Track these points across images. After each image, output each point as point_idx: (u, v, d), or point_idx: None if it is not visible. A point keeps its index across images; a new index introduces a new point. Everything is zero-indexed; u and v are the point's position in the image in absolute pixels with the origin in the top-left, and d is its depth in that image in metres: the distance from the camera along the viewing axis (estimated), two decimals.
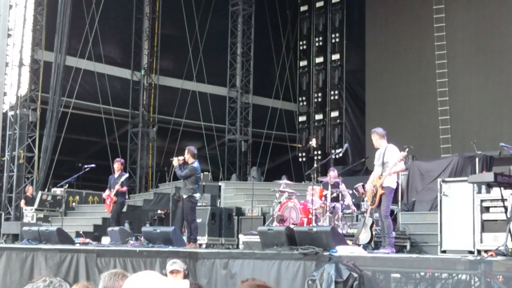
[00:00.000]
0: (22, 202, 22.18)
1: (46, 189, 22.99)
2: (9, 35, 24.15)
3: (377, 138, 11.90)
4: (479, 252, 10.65)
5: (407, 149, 11.70)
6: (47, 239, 13.76)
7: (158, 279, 3.43)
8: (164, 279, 3.47)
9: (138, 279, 3.39)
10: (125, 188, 16.25)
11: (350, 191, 15.33)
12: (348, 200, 15.33)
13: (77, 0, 24.29)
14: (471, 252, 10.85)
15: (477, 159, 14.75)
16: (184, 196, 14.52)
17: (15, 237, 18.59)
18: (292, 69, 31.22)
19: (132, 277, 3.43)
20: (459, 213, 11.50)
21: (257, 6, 29.90)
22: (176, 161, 14.54)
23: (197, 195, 14.76)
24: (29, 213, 21.47)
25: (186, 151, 14.79)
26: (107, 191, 16.31)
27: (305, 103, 31.37)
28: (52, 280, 3.70)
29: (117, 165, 16.48)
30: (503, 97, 23.74)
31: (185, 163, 14.74)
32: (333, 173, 15.43)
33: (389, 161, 11.60)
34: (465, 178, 11.71)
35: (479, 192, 11.23)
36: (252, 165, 29.06)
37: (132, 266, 11.13)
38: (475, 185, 11.22)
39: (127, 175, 16.67)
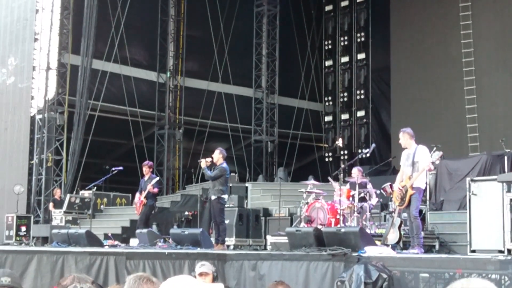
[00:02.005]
0: (51, 205, 22.33)
1: (74, 192, 23.14)
2: (36, 39, 24.36)
3: (407, 138, 11.87)
4: (509, 251, 10.57)
5: (441, 153, 11.66)
6: (76, 241, 13.86)
7: (194, 283, 3.45)
8: (200, 283, 3.49)
9: (174, 283, 3.41)
10: (156, 190, 16.30)
11: (378, 191, 15.26)
12: (373, 200, 15.28)
13: (103, 3, 24.43)
14: (501, 252, 10.76)
15: (506, 158, 14.63)
16: (213, 197, 14.52)
17: (45, 240, 18.75)
18: (317, 69, 31.16)
19: (168, 281, 3.45)
20: (489, 212, 11.41)
21: (281, 7, 29.92)
22: (204, 162, 14.55)
23: (226, 196, 14.75)
24: (57, 216, 21.61)
25: (218, 152, 14.75)
26: (137, 194, 16.37)
27: (331, 102, 31.32)
28: (83, 286, 3.74)
29: (145, 169, 16.54)
30: None
31: (212, 164, 14.76)
32: (356, 171, 15.38)
33: (419, 162, 11.59)
34: (494, 177, 11.63)
35: (509, 191, 11.12)
36: (279, 165, 29.05)
37: (161, 269, 11.16)
38: (504, 184, 11.14)
39: (158, 178, 16.70)
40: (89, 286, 3.79)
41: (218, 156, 14.68)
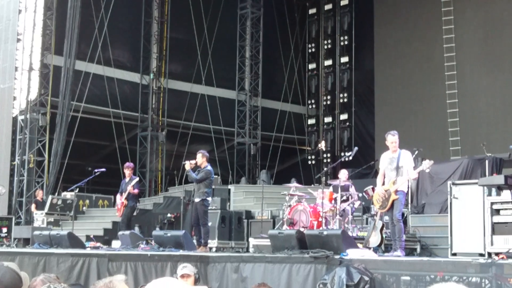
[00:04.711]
0: (33, 206, 22.23)
1: (56, 193, 23.02)
2: (18, 40, 24.23)
3: (397, 140, 11.75)
4: (489, 254, 10.65)
5: (432, 162, 11.68)
6: (58, 243, 13.81)
7: (179, 285, 3.43)
8: (186, 285, 3.47)
9: (158, 285, 3.39)
10: (136, 191, 16.28)
11: (360, 194, 15.33)
12: (356, 204, 15.35)
13: (86, 4, 24.33)
14: (481, 255, 10.84)
15: (487, 161, 14.77)
16: (197, 200, 14.52)
17: (26, 241, 18.63)
18: (301, 72, 31.23)
19: (152, 283, 3.44)
20: (469, 215, 11.49)
21: (265, 9, 29.92)
22: (188, 164, 14.53)
23: (210, 199, 14.77)
24: (39, 217, 21.49)
25: (201, 155, 14.75)
26: (118, 196, 16.35)
27: (314, 106, 31.40)
28: (56, 286, 3.68)
29: (127, 171, 16.50)
30: None
31: (197, 166, 14.76)
32: (344, 173, 15.45)
33: (404, 167, 11.58)
34: (475, 181, 11.72)
35: (489, 194, 11.22)
36: (261, 168, 29.07)
37: (143, 270, 11.15)
38: (485, 187, 11.22)
39: (137, 178, 16.67)
40: (63, 286, 3.74)
41: (201, 159, 14.70)
